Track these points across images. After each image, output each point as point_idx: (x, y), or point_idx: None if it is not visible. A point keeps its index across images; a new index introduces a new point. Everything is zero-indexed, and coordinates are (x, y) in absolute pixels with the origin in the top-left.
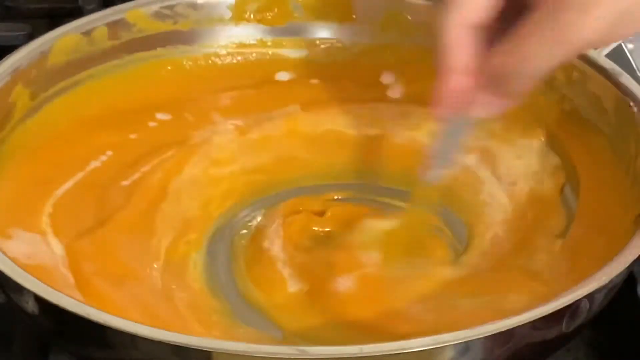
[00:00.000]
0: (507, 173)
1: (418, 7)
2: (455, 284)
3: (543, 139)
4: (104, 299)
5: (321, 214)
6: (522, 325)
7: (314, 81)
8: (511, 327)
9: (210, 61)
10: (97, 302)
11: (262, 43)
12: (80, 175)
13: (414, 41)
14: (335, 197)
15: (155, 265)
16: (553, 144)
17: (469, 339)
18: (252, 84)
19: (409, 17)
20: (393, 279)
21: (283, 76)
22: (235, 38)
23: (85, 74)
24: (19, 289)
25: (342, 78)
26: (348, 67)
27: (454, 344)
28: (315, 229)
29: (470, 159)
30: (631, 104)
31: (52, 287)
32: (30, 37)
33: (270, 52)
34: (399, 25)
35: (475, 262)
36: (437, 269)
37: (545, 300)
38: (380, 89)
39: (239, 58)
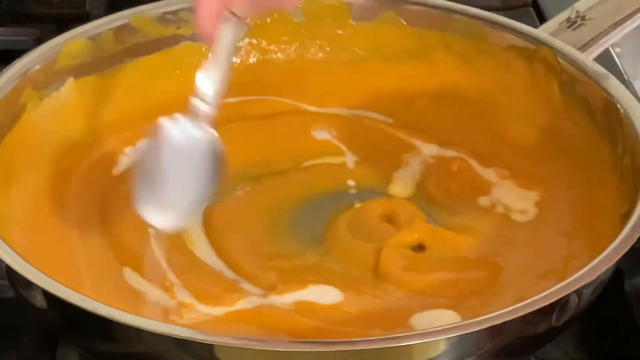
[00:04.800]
0: None
1: (414, 12)
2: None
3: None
4: None
5: None
6: (513, 319)
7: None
8: (502, 321)
9: None
10: None
11: (262, 49)
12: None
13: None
14: None
15: None
16: None
17: (462, 333)
18: (253, 86)
19: (404, 22)
20: None
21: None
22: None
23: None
24: (28, 284)
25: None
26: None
27: (446, 338)
28: None
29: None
30: (618, 105)
31: (59, 282)
32: (39, 41)
33: (270, 56)
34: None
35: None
36: None
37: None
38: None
39: (239, 62)
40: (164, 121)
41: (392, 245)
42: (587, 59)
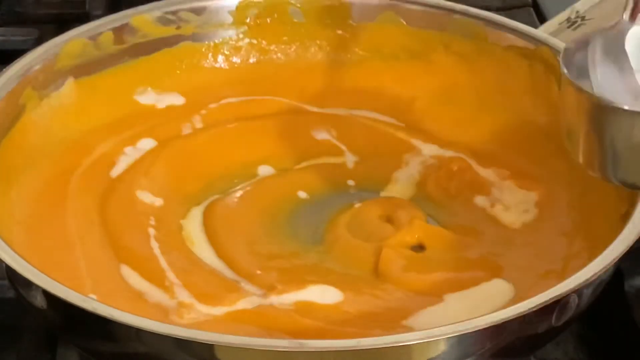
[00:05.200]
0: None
1: (414, 12)
2: None
3: None
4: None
5: None
6: (513, 319)
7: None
8: (503, 321)
9: (212, 65)
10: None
11: (262, 49)
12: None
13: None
14: None
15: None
16: None
17: (462, 333)
18: (253, 86)
19: (404, 22)
20: None
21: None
22: (235, 42)
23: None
24: (28, 284)
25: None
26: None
27: (447, 337)
28: None
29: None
30: None
31: (59, 282)
32: (39, 41)
33: (270, 56)
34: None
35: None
36: None
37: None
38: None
39: (239, 62)
40: None
41: (392, 245)
42: None
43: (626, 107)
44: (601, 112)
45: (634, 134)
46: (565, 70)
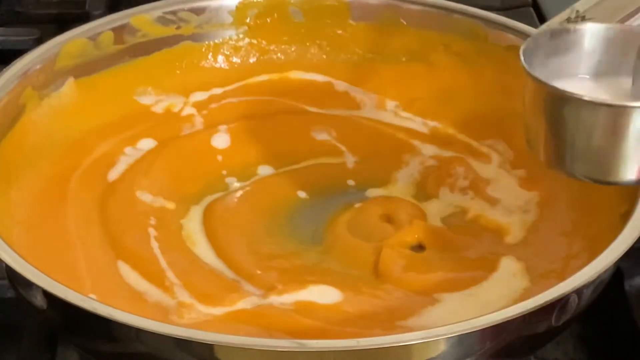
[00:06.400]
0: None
1: (414, 12)
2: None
3: None
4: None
5: None
6: (514, 319)
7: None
8: (503, 320)
9: (212, 65)
10: None
11: (262, 49)
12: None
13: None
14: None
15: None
16: None
17: (462, 333)
18: (253, 86)
19: (404, 22)
20: None
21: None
22: (235, 42)
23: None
24: (28, 284)
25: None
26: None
27: (447, 337)
28: None
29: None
30: None
31: (59, 282)
32: (39, 41)
33: (270, 56)
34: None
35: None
36: None
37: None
38: None
39: (239, 62)
40: None
41: (392, 245)
42: None
43: (585, 98)
44: (561, 104)
45: (594, 125)
46: (524, 62)
